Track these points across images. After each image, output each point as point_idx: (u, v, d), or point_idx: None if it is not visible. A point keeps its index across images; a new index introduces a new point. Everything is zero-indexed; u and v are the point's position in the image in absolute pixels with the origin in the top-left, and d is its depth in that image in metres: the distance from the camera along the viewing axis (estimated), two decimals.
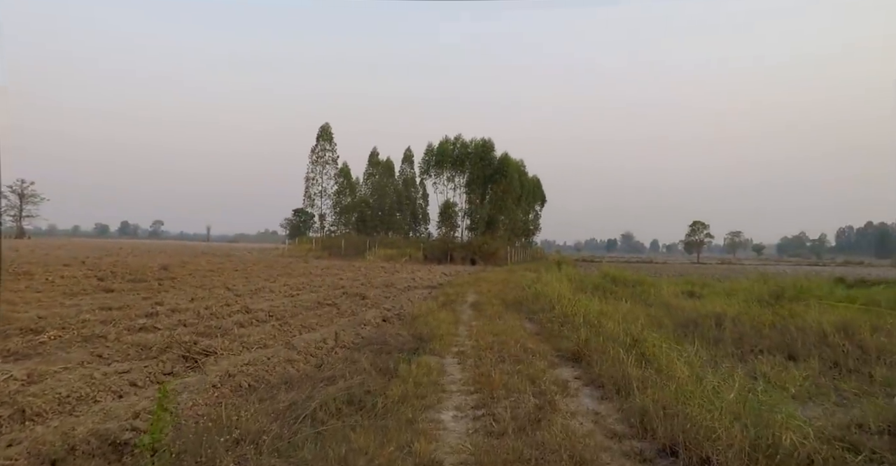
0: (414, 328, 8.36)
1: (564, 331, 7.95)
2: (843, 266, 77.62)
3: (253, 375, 5.43)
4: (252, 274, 21.04)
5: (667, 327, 9.91)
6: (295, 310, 10.55)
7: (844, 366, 7.52)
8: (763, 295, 14.41)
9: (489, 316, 10.01)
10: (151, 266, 22.07)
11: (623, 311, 10.32)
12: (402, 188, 61.26)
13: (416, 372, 5.29)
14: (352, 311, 10.92)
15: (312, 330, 8.65)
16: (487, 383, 5.03)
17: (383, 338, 7.28)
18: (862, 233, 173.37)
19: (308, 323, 9.13)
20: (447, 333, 7.97)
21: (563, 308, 9.50)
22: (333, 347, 7.16)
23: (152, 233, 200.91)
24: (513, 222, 53.15)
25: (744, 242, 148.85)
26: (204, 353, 6.22)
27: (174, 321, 8.81)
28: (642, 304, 13.38)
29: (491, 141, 49.94)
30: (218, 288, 14.54)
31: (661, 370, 5.34)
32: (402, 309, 11.88)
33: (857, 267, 65.02)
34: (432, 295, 15.12)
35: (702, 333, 9.75)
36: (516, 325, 8.96)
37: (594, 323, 8.31)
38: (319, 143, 53.38)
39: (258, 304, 11.37)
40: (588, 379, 5.59)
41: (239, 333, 7.81)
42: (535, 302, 11.43)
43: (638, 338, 6.40)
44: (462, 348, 7.13)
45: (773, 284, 16.34)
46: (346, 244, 47.67)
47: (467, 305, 12.46)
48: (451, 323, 9.09)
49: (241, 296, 12.93)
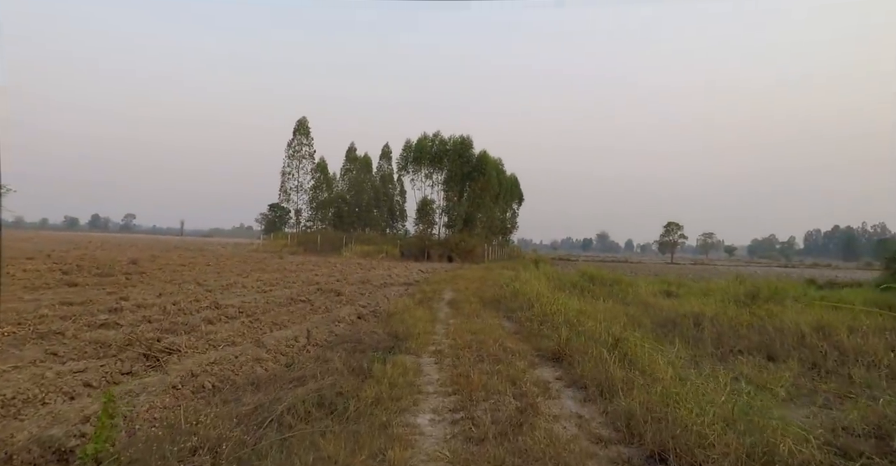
0: (390, 326, 8.10)
1: (544, 330, 7.76)
2: (811, 268, 79.12)
3: (218, 375, 5.12)
4: (224, 269, 20.52)
5: (646, 326, 9.82)
6: (267, 307, 10.20)
7: (823, 367, 7.48)
8: (739, 296, 14.46)
9: (467, 315, 9.80)
10: (120, 260, 21.40)
11: (602, 310, 10.20)
12: (379, 184, 60.71)
13: (392, 373, 5.03)
14: (326, 308, 10.60)
15: (284, 327, 8.32)
16: (466, 384, 4.80)
17: (357, 336, 7.00)
18: (829, 236, 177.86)
19: (280, 320, 8.80)
20: (424, 331, 7.72)
21: (543, 306, 9.31)
22: (305, 345, 6.86)
23: (124, 227, 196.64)
24: (490, 220, 52.97)
25: (716, 243, 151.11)
26: (167, 351, 5.87)
27: (138, 317, 8.42)
28: (620, 303, 13.31)
29: (469, 138, 49.62)
30: (188, 284, 14.08)
31: (645, 370, 5.18)
32: (377, 306, 11.59)
33: (824, 270, 66.34)
34: (409, 293, 14.85)
35: (681, 333, 9.68)
36: (495, 324, 8.76)
37: (574, 322, 8.15)
38: (296, 138, 52.52)
39: (229, 300, 10.99)
40: (570, 379, 5.40)
41: (206, 330, 7.45)
42: (513, 300, 11.24)
43: (620, 338, 6.23)
44: (439, 347, 6.89)
45: (749, 285, 16.43)
46: (322, 240, 47.01)
47: (444, 303, 12.23)
48: (428, 322, 8.85)
49: (211, 292, 12.52)
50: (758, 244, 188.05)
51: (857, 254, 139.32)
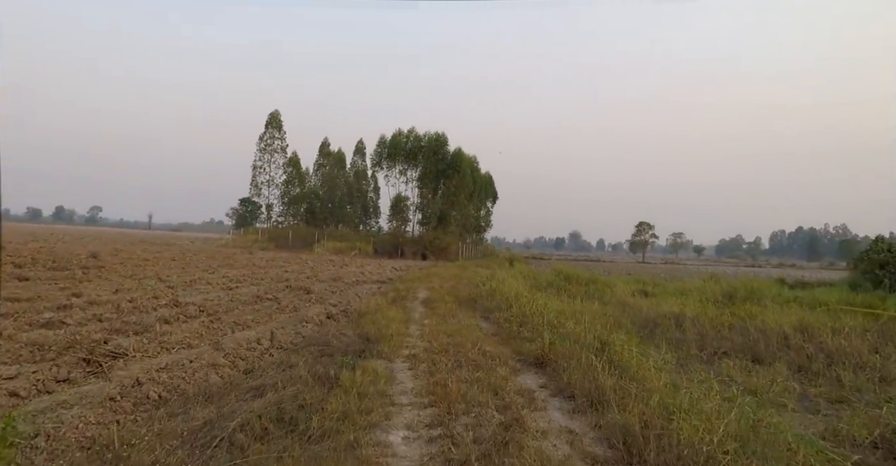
0: (361, 327, 7.60)
1: (524, 332, 7.35)
2: (777, 268, 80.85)
3: (166, 384, 4.57)
4: (190, 264, 19.72)
5: (626, 327, 9.55)
6: (230, 305, 9.62)
7: (810, 370, 7.27)
8: (716, 296, 14.31)
9: (442, 315, 9.35)
10: (79, 253, 20.42)
11: (580, 310, 9.87)
12: (353, 180, 59.77)
13: (361, 381, 4.56)
14: (293, 307, 10.04)
15: (247, 327, 7.76)
16: (444, 394, 4.34)
17: (325, 339, 6.48)
18: (793, 237, 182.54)
19: (243, 319, 8.23)
20: (397, 333, 7.25)
21: (521, 307, 8.90)
22: (268, 348, 6.33)
23: (89, 220, 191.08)
24: (465, 218, 52.56)
25: (685, 243, 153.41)
26: (112, 355, 5.29)
27: (88, 315, 7.79)
28: (598, 303, 13.05)
29: (444, 135, 49.05)
30: (149, 279, 13.36)
31: (635, 377, 4.81)
32: (348, 305, 11.08)
33: (789, 269, 67.77)
34: (382, 291, 14.35)
35: (663, 334, 9.41)
36: (472, 324, 8.33)
37: (555, 323, 7.78)
38: (268, 131, 51.20)
39: (190, 297, 10.37)
40: (555, 387, 4.98)
41: (161, 330, 6.87)
42: (490, 299, 10.82)
43: (606, 341, 5.86)
44: (414, 350, 6.41)
45: (725, 285, 16.34)
46: (294, 236, 46.07)
47: (419, 302, 11.76)
48: (402, 322, 8.37)
49: (173, 288, 11.87)
50: (725, 244, 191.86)
51: (820, 255, 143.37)
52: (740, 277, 21.11)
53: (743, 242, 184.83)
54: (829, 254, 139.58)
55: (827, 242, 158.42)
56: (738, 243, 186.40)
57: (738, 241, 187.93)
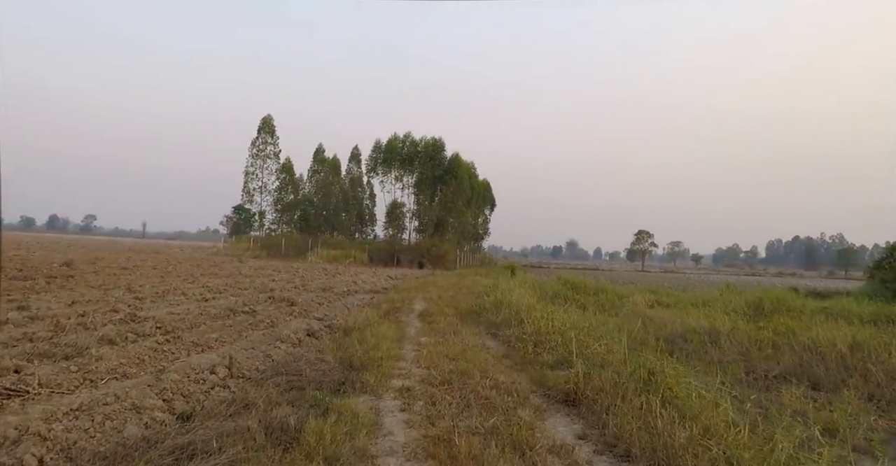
0: (344, 348, 6.29)
1: (542, 355, 6.07)
2: (777, 276, 79.76)
3: (59, 440, 3.25)
4: (171, 273, 18.40)
5: (652, 344, 8.35)
6: (197, 320, 8.31)
7: (883, 398, 6.04)
8: (741, 307, 13.08)
9: (442, 331, 8.07)
10: (54, 262, 19.08)
11: (595, 324, 8.61)
12: (348, 187, 58.51)
13: (333, 434, 3.27)
14: (271, 322, 8.72)
15: (208, 349, 6.45)
16: (449, 457, 3.06)
17: (297, 366, 5.17)
18: (790, 246, 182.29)
19: (206, 338, 6.92)
20: (388, 355, 5.97)
21: (535, 322, 7.59)
22: (224, 378, 5.04)
23: (83, 229, 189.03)
24: (462, 225, 51.25)
25: (682, 252, 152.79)
26: (6, 393, 4.00)
27: (18, 334, 6.50)
28: (611, 315, 11.82)
29: (441, 140, 47.71)
30: (117, 290, 12.07)
31: (708, 427, 3.52)
32: (335, 318, 9.79)
33: (790, 278, 66.69)
34: (374, 302, 13.05)
35: (695, 352, 8.17)
36: (477, 344, 7.04)
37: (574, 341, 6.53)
38: (261, 136, 49.85)
39: (155, 311, 9.10)
40: (600, 440, 3.65)
41: (98, 355, 5.58)
42: (495, 312, 9.50)
43: (653, 371, 4.57)
44: (408, 381, 5.09)
45: (749, 295, 15.09)
46: (287, 244, 44.70)
47: (415, 315, 10.47)
48: (395, 340, 7.09)
49: (141, 300, 10.59)
50: (722, 253, 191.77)
51: (817, 263, 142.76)
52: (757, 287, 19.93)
53: (740, 251, 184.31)
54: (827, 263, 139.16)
55: (823, 251, 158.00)
56: (734, 252, 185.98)
57: (734, 250, 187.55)
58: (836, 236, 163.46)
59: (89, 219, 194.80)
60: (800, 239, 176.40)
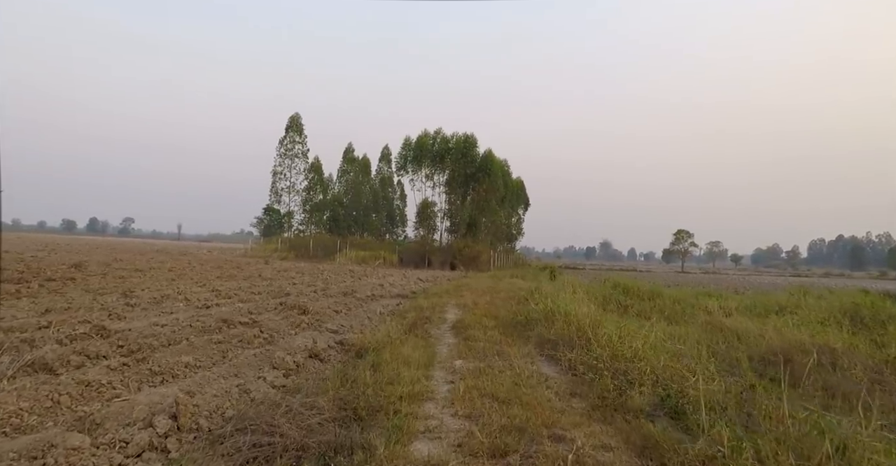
0: (351, 381, 4.58)
1: (631, 396, 4.25)
2: (826, 277, 75.62)
3: None
4: (184, 275, 17.09)
5: (743, 364, 6.48)
6: (179, 334, 6.71)
7: None
8: (834, 315, 10.93)
9: (482, 351, 6.30)
10: (64, 264, 18.01)
11: (663, 336, 6.75)
12: (378, 187, 57.19)
13: None
14: (269, 337, 7.07)
15: (172, 379, 4.83)
16: None
17: (271, 418, 3.45)
18: (833, 245, 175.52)
19: (176, 362, 5.29)
20: (411, 393, 4.25)
21: (612, 343, 5.71)
22: (167, 434, 3.38)
23: (122, 231, 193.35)
24: (496, 225, 49.30)
25: (721, 252, 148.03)
26: None
27: None
28: (671, 322, 9.92)
29: (474, 136, 45.59)
30: (113, 295, 10.70)
31: None
32: (351, 330, 8.15)
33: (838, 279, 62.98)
34: (401, 310, 11.37)
35: (808, 376, 6.25)
36: (531, 372, 5.25)
37: (665, 367, 4.70)
38: (288, 135, 48.73)
39: (138, 321, 7.61)
40: None
41: (11, 388, 4.01)
42: (547, 325, 7.64)
43: (846, 443, 2.74)
44: (437, 444, 3.32)
45: (834, 300, 12.90)
46: (315, 244, 43.50)
47: (447, 326, 8.74)
48: (421, 366, 5.36)
49: (132, 307, 9.18)
50: (761, 253, 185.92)
51: (864, 263, 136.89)
52: (825, 289, 17.60)
53: (780, 251, 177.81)
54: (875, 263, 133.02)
55: (869, 251, 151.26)
56: (774, 252, 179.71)
57: (775, 250, 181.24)
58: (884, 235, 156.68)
59: (127, 222, 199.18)
60: (844, 238, 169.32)
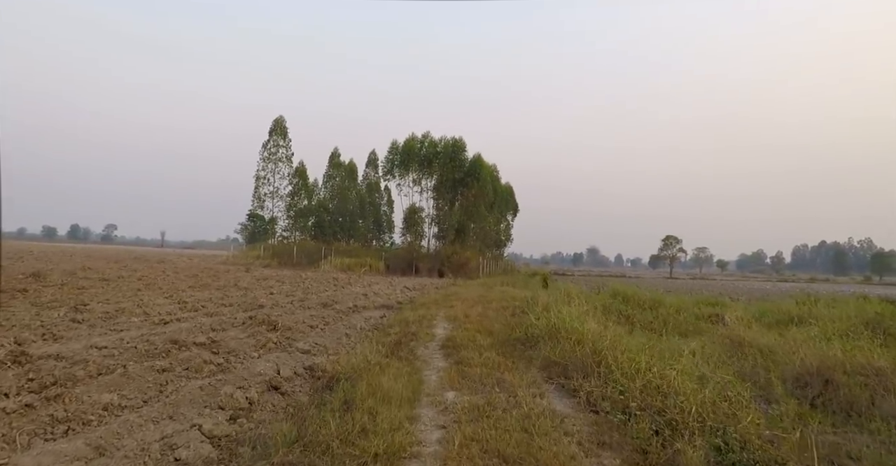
0: (313, 425, 3.50)
1: (687, 452, 3.22)
2: (810, 282, 75.74)
3: None
4: (154, 285, 15.84)
5: (776, 388, 5.56)
6: (117, 361, 5.59)
7: None
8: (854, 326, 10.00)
9: (478, 379, 5.25)
10: (21, 273, 16.70)
11: (676, 350, 5.75)
12: (365, 193, 55.94)
13: None
14: (225, 362, 5.96)
15: (82, 426, 3.73)
16: None
17: None
18: (816, 251, 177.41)
19: (96, 401, 4.18)
20: (390, 448, 3.20)
21: (642, 373, 4.62)
22: None
23: (104, 238, 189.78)
24: (484, 231, 48.29)
25: (708, 258, 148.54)
26: None
27: None
28: (684, 336, 8.99)
29: (462, 140, 44.38)
30: (61, 308, 9.54)
31: None
32: (326, 351, 7.07)
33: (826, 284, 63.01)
34: (385, 323, 10.29)
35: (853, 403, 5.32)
36: (541, 408, 4.21)
37: (717, 412, 3.70)
38: (272, 138, 47.37)
39: (76, 342, 6.54)
40: None
41: None
42: (552, 343, 6.60)
43: None
44: None
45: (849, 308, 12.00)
46: (299, 251, 42.16)
47: (436, 345, 7.66)
48: (404, 404, 4.29)
49: (79, 323, 8.08)
50: (746, 259, 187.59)
51: (846, 268, 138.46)
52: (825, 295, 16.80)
53: (765, 257, 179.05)
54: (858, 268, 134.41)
55: (852, 256, 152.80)
56: (759, 257, 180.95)
57: (759, 256, 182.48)
58: (865, 241, 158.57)
59: (110, 229, 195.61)
60: (826, 244, 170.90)
